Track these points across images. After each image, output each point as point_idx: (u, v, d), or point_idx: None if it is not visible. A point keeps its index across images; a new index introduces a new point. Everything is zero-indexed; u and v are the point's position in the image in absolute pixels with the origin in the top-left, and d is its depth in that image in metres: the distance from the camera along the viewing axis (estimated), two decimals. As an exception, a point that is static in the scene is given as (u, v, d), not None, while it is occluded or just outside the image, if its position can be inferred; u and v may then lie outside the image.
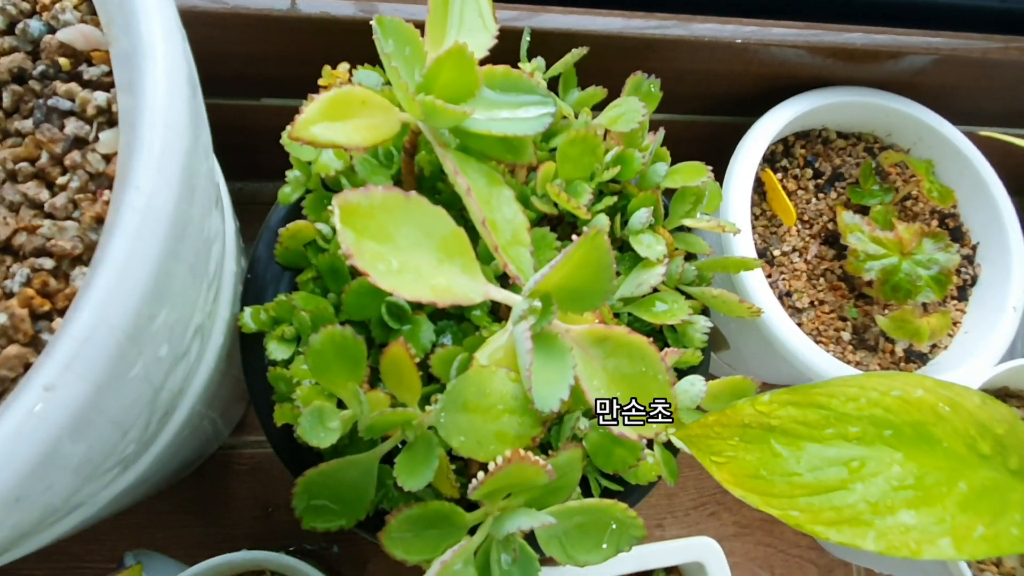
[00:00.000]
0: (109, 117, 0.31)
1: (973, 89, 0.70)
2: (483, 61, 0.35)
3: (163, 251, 0.27)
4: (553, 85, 0.49)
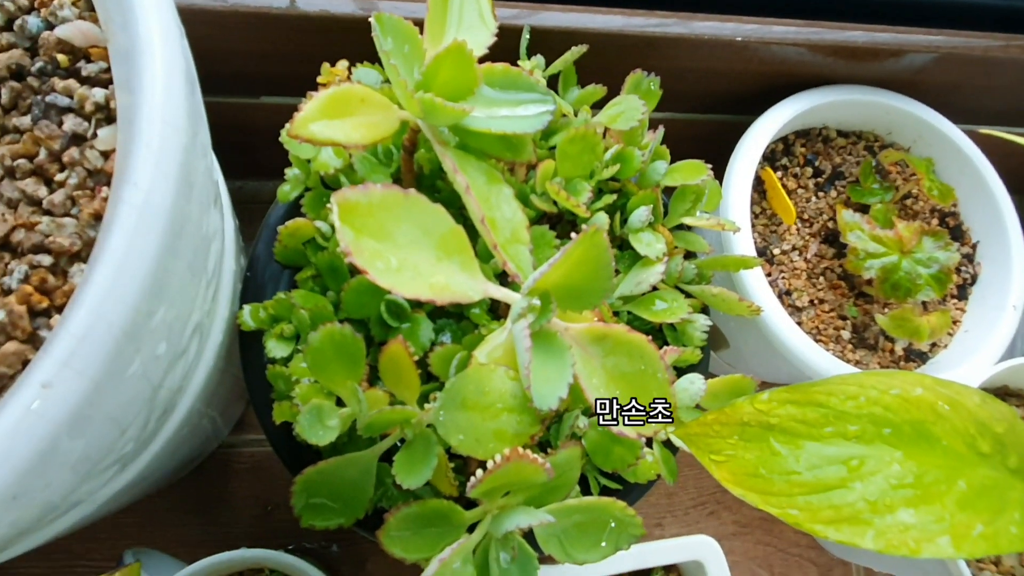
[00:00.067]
0: (107, 114, 0.31)
1: (974, 87, 0.70)
2: (482, 59, 0.35)
3: (161, 248, 0.27)
4: (553, 83, 0.49)
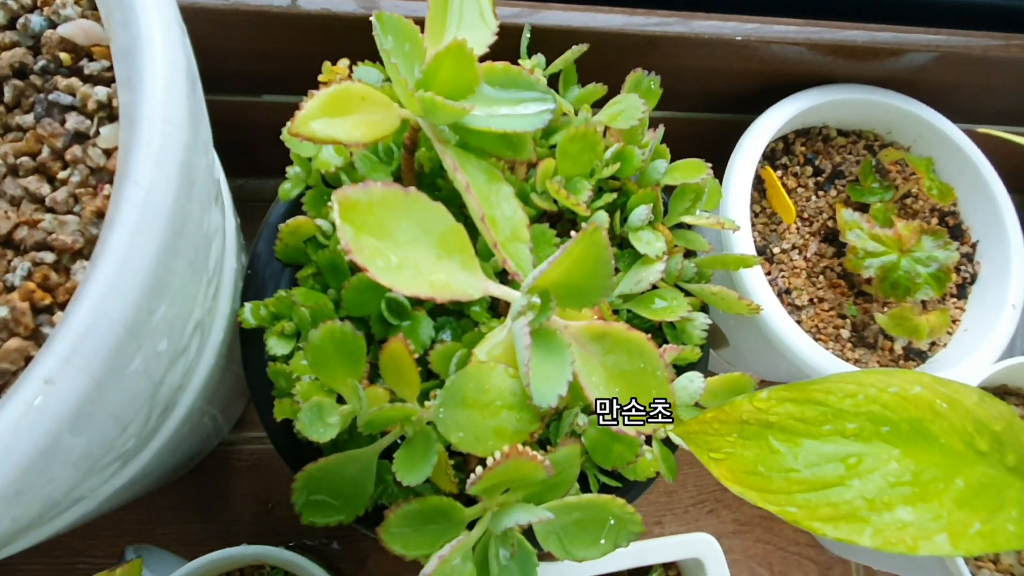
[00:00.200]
0: (110, 112, 0.31)
1: (974, 87, 0.70)
2: (483, 57, 0.35)
3: (162, 246, 0.27)
4: (553, 82, 0.49)
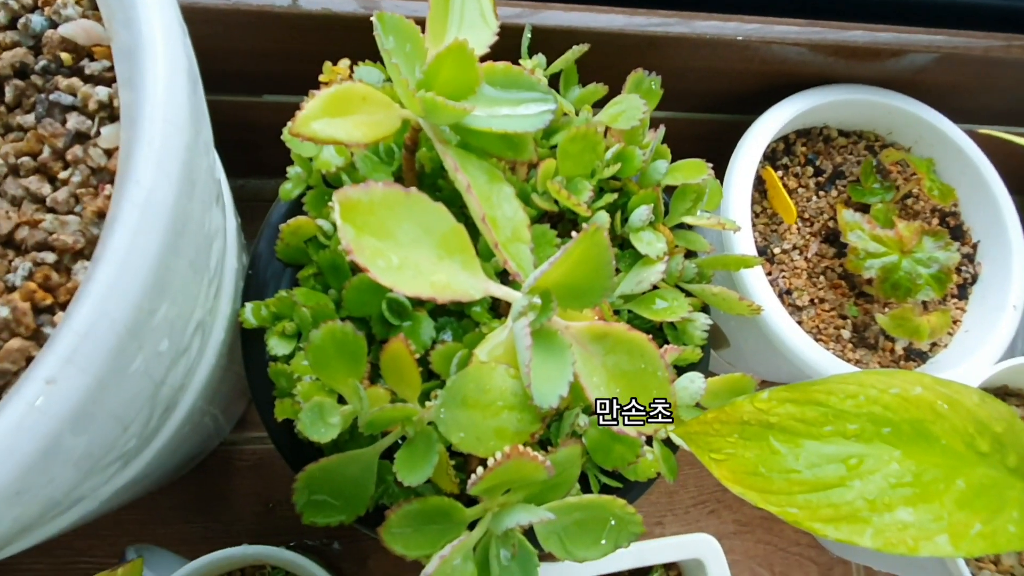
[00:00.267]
0: (111, 112, 0.31)
1: (975, 87, 0.70)
2: (484, 58, 0.35)
3: (163, 246, 0.27)
4: (554, 82, 0.49)
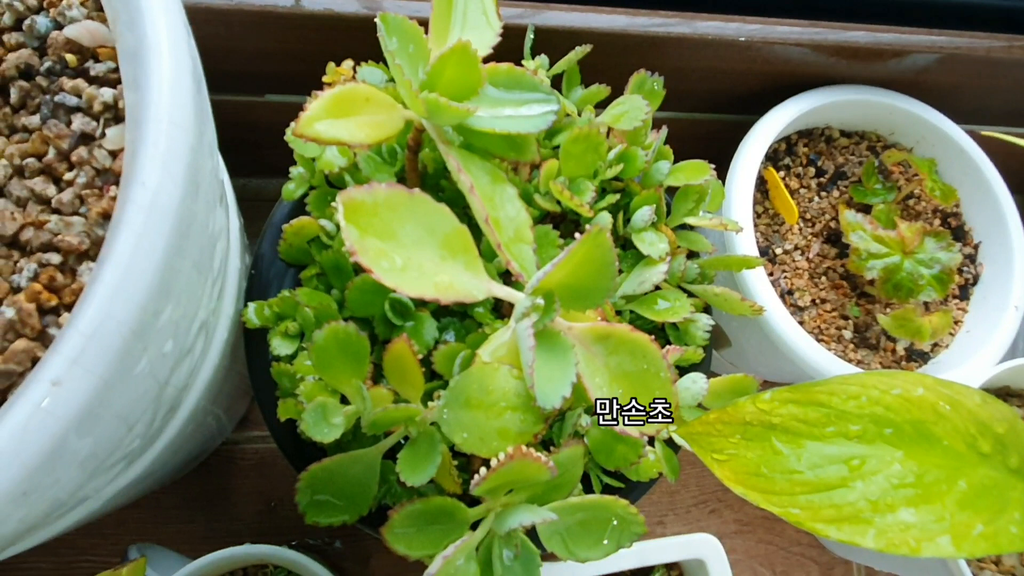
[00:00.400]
0: (116, 113, 0.32)
1: (976, 88, 0.70)
2: (487, 59, 0.35)
3: (168, 247, 0.27)
4: (556, 83, 0.49)
